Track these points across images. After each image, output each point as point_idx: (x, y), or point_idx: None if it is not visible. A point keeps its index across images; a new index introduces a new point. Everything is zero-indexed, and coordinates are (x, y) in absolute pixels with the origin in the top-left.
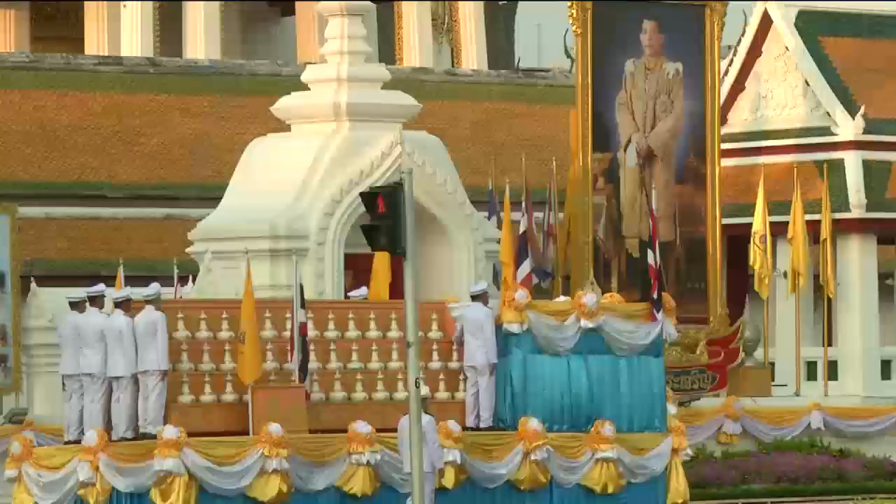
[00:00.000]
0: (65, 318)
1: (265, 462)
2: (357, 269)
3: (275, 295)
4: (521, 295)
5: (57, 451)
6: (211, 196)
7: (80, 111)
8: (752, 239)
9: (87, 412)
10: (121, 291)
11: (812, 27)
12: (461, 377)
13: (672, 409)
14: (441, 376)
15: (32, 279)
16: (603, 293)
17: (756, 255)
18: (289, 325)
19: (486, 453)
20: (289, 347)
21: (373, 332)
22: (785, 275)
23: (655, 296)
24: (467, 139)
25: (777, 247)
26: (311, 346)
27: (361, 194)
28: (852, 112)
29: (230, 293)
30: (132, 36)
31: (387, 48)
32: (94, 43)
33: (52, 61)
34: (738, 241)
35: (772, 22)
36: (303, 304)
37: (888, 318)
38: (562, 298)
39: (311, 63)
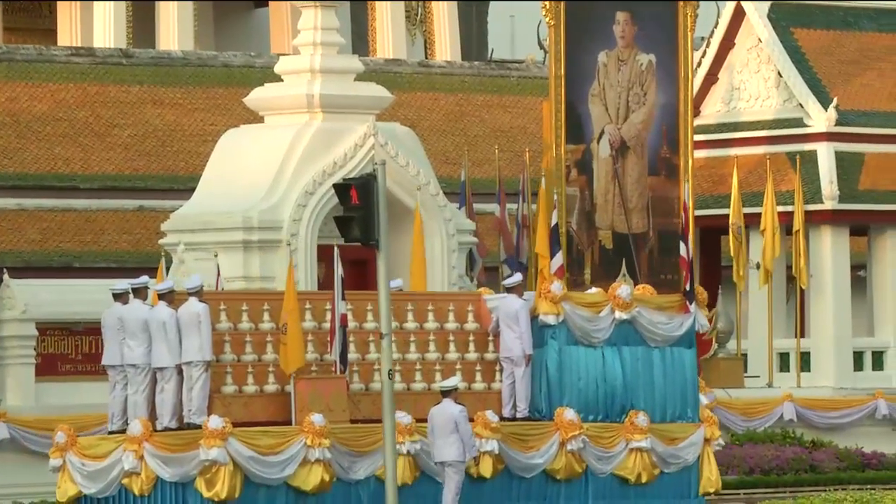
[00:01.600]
0: (109, 310)
1: (308, 452)
2: (330, 261)
3: (247, 287)
4: (557, 287)
5: (101, 441)
6: (184, 187)
7: (52, 102)
8: (729, 230)
9: (131, 402)
10: (164, 283)
11: (785, 19)
12: (497, 368)
13: (704, 399)
14: (478, 367)
15: (4, 270)
16: (576, 285)
17: (735, 247)
18: (328, 317)
19: (522, 443)
20: (329, 339)
21: (410, 324)
22: (758, 266)
23: (688, 287)
24: (440, 130)
25: (750, 238)
26: (351, 337)
27: (335, 186)
28: (825, 104)
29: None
30: (105, 27)
31: (360, 40)
32: (67, 34)
33: (24, 53)
34: (710, 232)
35: (745, 13)
36: (343, 296)
37: (860, 309)
38: (593, 290)
39: (284, 54)
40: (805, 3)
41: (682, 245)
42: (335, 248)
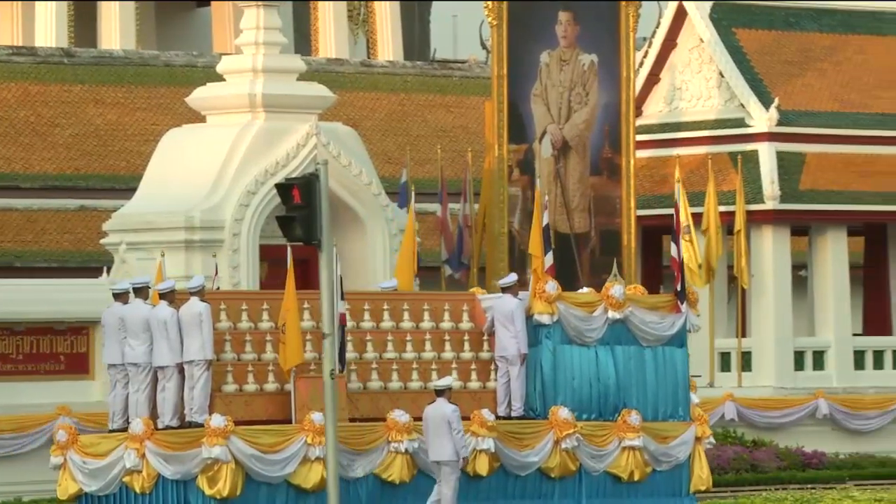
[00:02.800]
0: (109, 309)
1: (308, 450)
2: (272, 261)
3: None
4: (552, 286)
5: (102, 439)
6: (125, 187)
7: None
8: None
9: (132, 401)
10: (165, 283)
11: (727, 19)
12: (492, 367)
13: (695, 398)
14: (473, 366)
15: None
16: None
17: (684, 248)
18: None
19: (518, 441)
20: None
21: (406, 323)
22: (700, 266)
23: (679, 287)
24: (383, 130)
25: None
26: (348, 337)
27: (277, 185)
28: (766, 104)
29: None
30: (46, 26)
31: (302, 39)
32: (8, 33)
33: None
34: (652, 232)
35: (687, 13)
36: (342, 296)
37: (801, 309)
38: (585, 290)
39: (226, 54)
40: (747, 3)
41: (672, 246)
42: (333, 248)
